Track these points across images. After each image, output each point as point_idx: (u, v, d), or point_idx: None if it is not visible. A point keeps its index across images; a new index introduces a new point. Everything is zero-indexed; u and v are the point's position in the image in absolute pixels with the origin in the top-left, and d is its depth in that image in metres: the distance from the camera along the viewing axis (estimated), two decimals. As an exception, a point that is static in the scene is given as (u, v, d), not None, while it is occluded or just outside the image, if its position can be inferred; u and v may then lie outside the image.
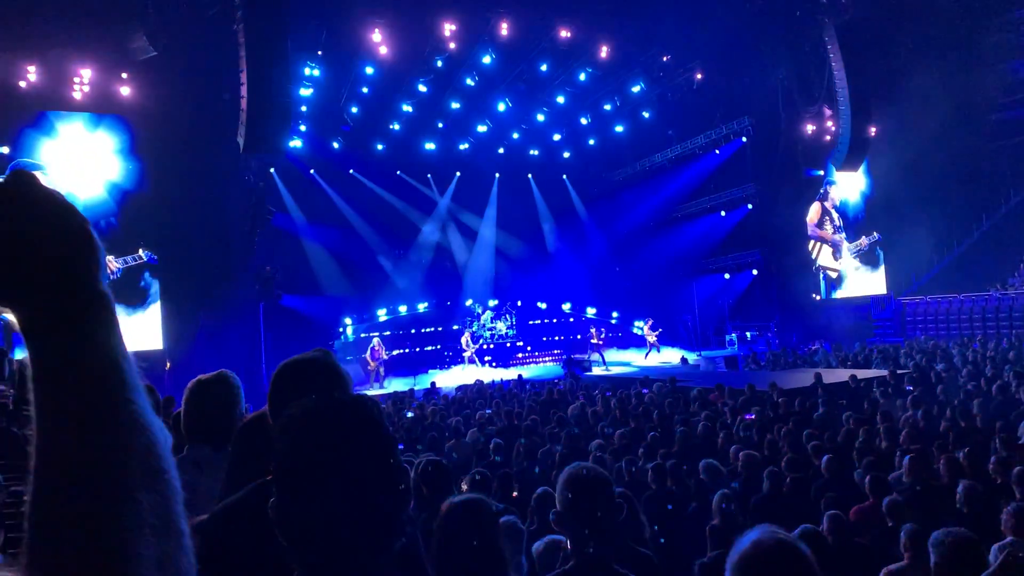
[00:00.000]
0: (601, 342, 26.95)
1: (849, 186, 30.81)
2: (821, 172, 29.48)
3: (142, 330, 20.03)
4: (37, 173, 0.85)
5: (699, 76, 27.06)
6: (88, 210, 18.77)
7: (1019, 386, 11.37)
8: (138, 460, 0.77)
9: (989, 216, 31.38)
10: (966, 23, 29.88)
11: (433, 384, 19.67)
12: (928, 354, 18.88)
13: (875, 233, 31.22)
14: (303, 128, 24.76)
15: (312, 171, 27.06)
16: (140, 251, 20.55)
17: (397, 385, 23.04)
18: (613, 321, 31.08)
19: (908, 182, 29.05)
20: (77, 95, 19.65)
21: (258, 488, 1.86)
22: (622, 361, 26.48)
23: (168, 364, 19.82)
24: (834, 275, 30.42)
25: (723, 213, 29.87)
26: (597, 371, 23.40)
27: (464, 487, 5.18)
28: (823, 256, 30.30)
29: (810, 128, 28.48)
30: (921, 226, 28.69)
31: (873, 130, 27.33)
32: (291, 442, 1.28)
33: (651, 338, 27.40)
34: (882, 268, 31.32)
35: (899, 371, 15.37)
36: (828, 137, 28.20)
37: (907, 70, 28.23)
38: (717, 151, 29.00)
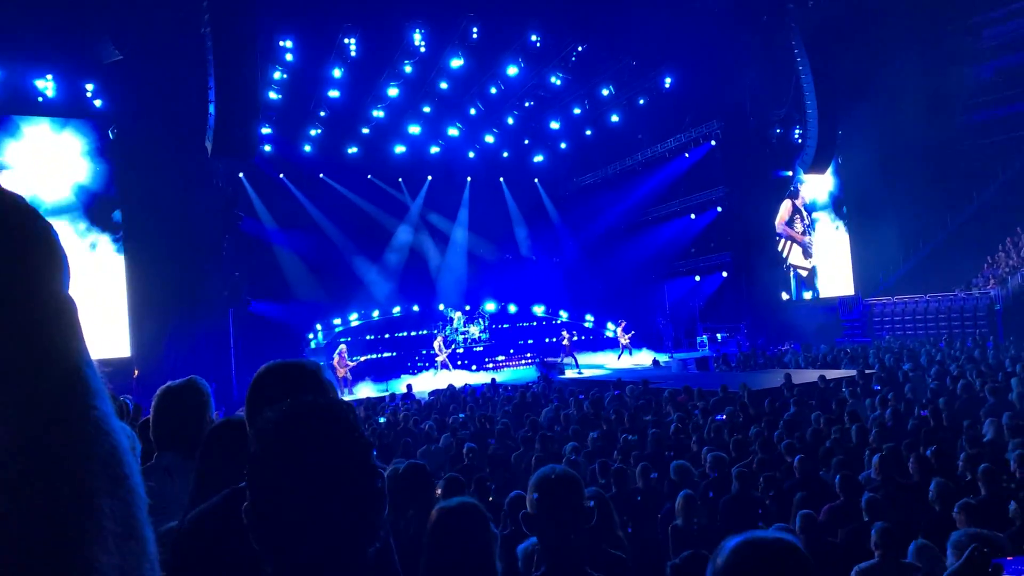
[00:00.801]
0: (569, 344, 27.01)
1: (818, 187, 31.17)
2: (790, 173, 29.80)
3: (109, 337, 19.72)
4: None
5: (668, 80, 27.27)
6: (54, 212, 18.53)
7: (983, 385, 11.57)
8: (100, 465, 0.76)
9: (954, 217, 31.95)
10: (930, 27, 30.46)
11: (409, 388, 19.57)
12: (895, 354, 19.16)
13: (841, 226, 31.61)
14: (268, 131, 24.52)
15: (281, 175, 26.86)
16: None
17: (369, 391, 22.89)
18: (587, 324, 31.18)
19: (875, 184, 29.51)
20: (42, 98, 19.35)
21: (230, 494, 1.84)
22: (595, 364, 26.55)
23: (136, 372, 19.55)
24: (804, 273, 30.74)
25: (693, 216, 30.13)
26: (570, 374, 23.43)
27: (439, 492, 5.16)
28: (794, 254, 30.60)
29: (779, 131, 28.81)
30: (888, 227, 29.15)
31: (840, 133, 27.73)
32: (266, 445, 1.26)
33: (624, 340, 27.50)
34: (850, 269, 31.71)
35: (867, 371, 15.57)
36: (797, 139, 28.55)
37: (874, 74, 28.71)
38: (687, 154, 29.26)
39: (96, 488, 0.75)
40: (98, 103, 19.96)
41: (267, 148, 24.82)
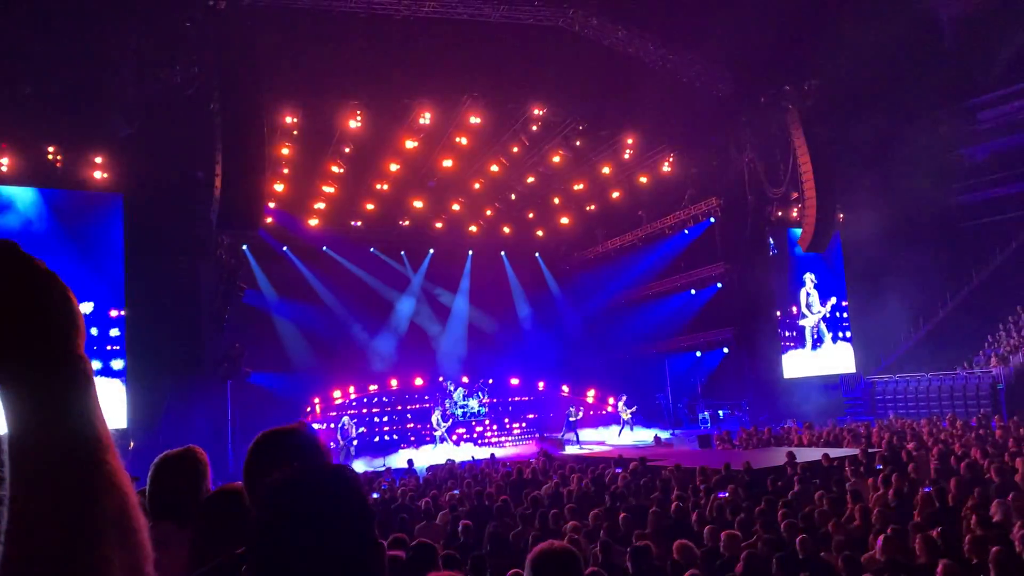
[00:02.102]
0: (578, 420, 26.80)
1: (817, 263, 31.32)
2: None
3: (105, 407, 19.52)
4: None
5: (668, 159, 27.75)
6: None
7: (989, 465, 11.43)
8: (112, 519, 0.78)
9: (954, 296, 32.08)
10: (928, 109, 31.16)
11: (410, 463, 19.29)
12: (899, 433, 18.97)
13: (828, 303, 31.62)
14: (273, 205, 24.83)
15: (285, 248, 27.09)
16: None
17: (362, 466, 22.57)
18: (589, 399, 30.96)
19: (874, 262, 29.67)
20: (51, 171, 19.65)
21: (228, 560, 1.81)
22: (596, 440, 26.27)
23: (132, 444, 19.32)
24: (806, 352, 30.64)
25: (693, 291, 30.25)
26: (571, 450, 23.17)
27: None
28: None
29: (778, 211, 29.15)
30: (888, 305, 29.20)
31: (839, 214, 28.08)
32: (271, 509, 1.25)
33: (625, 415, 27.28)
34: (851, 347, 31.64)
35: (871, 450, 15.40)
36: (795, 217, 28.87)
37: (872, 154, 29.19)
38: (686, 231, 29.56)
39: (106, 540, 0.76)
40: (103, 174, 20.17)
41: (268, 220, 25.06)
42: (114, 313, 20.40)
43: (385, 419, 28.12)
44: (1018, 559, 6.14)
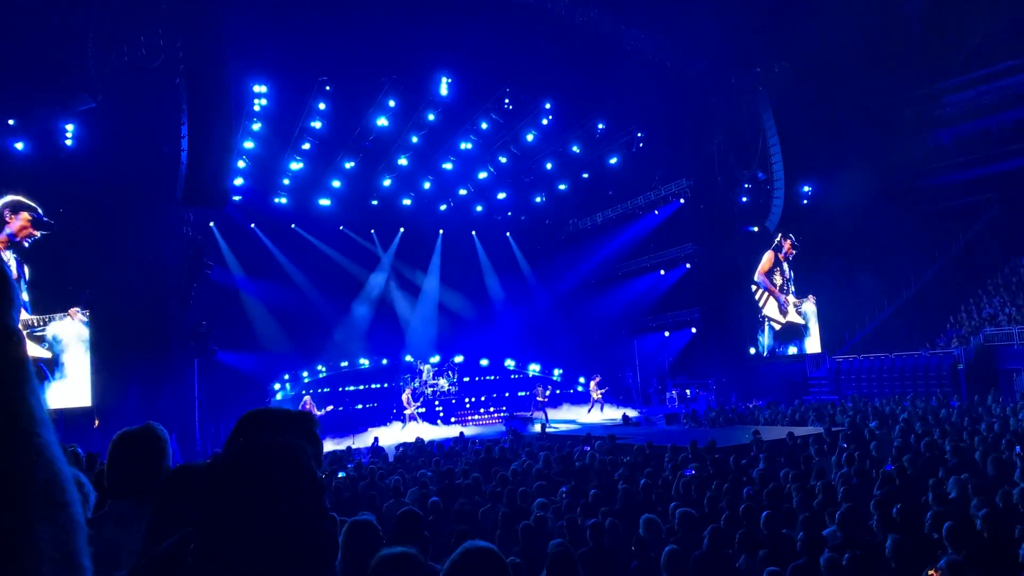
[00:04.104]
0: (546, 399, 26.95)
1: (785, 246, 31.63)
2: (756, 229, 30.20)
3: (69, 385, 19.26)
4: None
5: (639, 140, 27.78)
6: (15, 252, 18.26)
7: (948, 443, 11.66)
8: (40, 492, 0.76)
9: (918, 278, 32.62)
10: (894, 93, 31.50)
11: (375, 441, 19.29)
12: (862, 412, 19.30)
13: (811, 302, 31.95)
14: (241, 181, 24.49)
15: (253, 225, 26.78)
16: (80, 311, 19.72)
17: (329, 445, 22.50)
18: (556, 378, 31.12)
19: (840, 244, 30.04)
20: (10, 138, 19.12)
21: (181, 539, 1.79)
22: (565, 419, 26.45)
23: (97, 421, 19.07)
24: (777, 327, 30.95)
25: (663, 272, 30.45)
26: (540, 428, 23.28)
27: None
28: (769, 307, 30.80)
29: (747, 188, 29.35)
30: (853, 286, 29.63)
31: (805, 195, 28.37)
32: (214, 486, 1.23)
33: (596, 395, 27.48)
34: (816, 327, 32.06)
35: (834, 428, 15.66)
36: (763, 199, 29.11)
37: (838, 135, 29.48)
38: (656, 211, 29.70)
39: (34, 514, 0.74)
40: (65, 145, 19.67)
41: (236, 198, 24.69)
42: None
43: (354, 398, 28.06)
44: (972, 533, 6.28)
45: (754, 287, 30.28)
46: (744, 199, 29.43)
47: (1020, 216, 31.86)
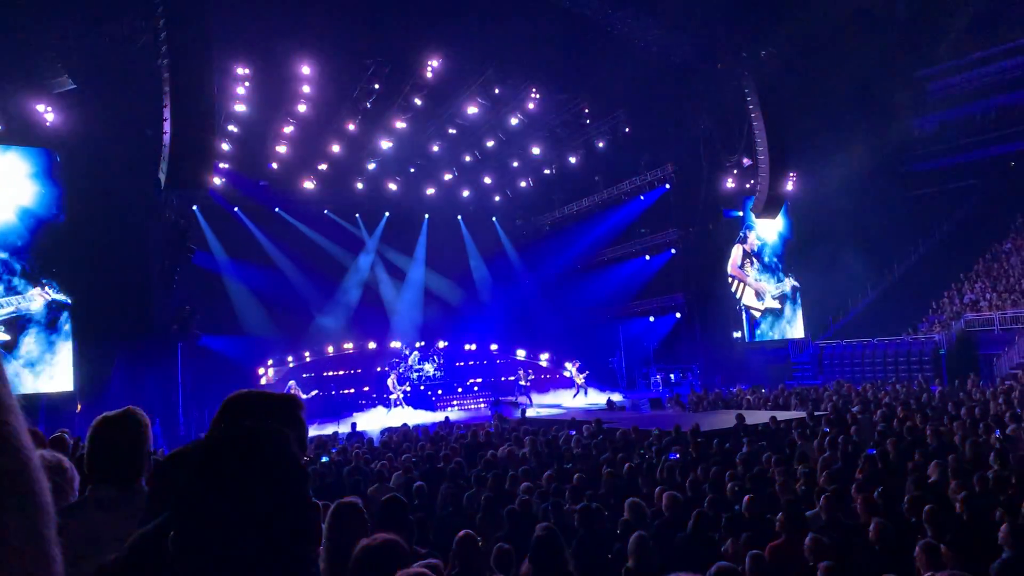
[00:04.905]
0: (529, 384, 27.00)
1: (768, 229, 31.69)
2: (740, 213, 30.24)
3: (52, 370, 19.11)
4: None
5: (625, 125, 27.72)
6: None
7: (929, 427, 11.78)
8: (8, 482, 0.74)
9: (901, 263, 32.84)
10: (879, 80, 31.58)
11: (354, 426, 19.24)
12: (844, 396, 19.44)
13: (791, 280, 32.10)
14: (225, 165, 24.31)
15: (236, 209, 26.58)
16: (41, 290, 19.44)
17: (314, 430, 22.45)
18: (542, 363, 31.16)
19: (824, 229, 30.17)
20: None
21: (162, 524, 1.77)
22: (550, 403, 26.51)
23: (79, 406, 18.93)
24: (757, 314, 31.11)
25: (648, 257, 30.50)
26: (525, 413, 23.33)
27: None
28: (747, 296, 30.96)
29: (731, 177, 29.38)
30: (837, 272, 29.78)
31: (790, 183, 28.44)
32: (193, 471, 1.21)
33: (579, 380, 27.58)
34: (800, 312, 32.25)
35: (817, 413, 15.77)
36: (748, 185, 29.15)
37: (824, 122, 29.56)
38: (642, 197, 29.70)
39: (1, 503, 0.72)
40: (46, 126, 19.39)
41: (218, 181, 24.44)
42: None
43: (339, 383, 28.00)
44: (951, 516, 6.36)
45: (730, 279, 30.45)
46: (729, 185, 29.46)
47: (1002, 202, 32.12)
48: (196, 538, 1.16)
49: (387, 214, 30.52)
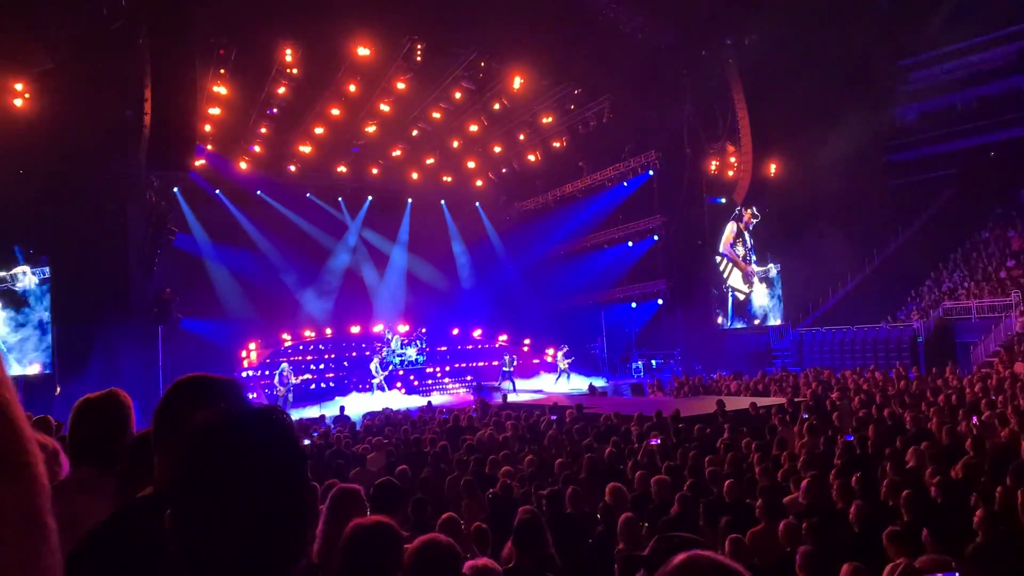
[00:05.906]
0: (513, 369, 27.05)
1: (750, 215, 31.82)
2: (724, 200, 30.36)
3: (31, 352, 18.94)
4: None
5: (609, 111, 27.69)
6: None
7: (906, 414, 11.93)
8: (2, 450, 0.73)
9: (881, 251, 33.11)
10: (860, 69, 31.68)
11: (342, 409, 19.23)
12: (824, 383, 19.61)
13: (773, 267, 32.29)
14: (209, 147, 24.09)
15: (218, 191, 26.37)
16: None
17: (297, 414, 22.41)
18: (524, 348, 31.23)
19: (805, 217, 30.32)
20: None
21: (150, 501, 1.76)
22: (533, 388, 26.60)
23: (58, 389, 18.78)
24: (742, 297, 31.26)
25: (631, 243, 30.56)
26: (508, 398, 23.40)
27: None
28: (734, 277, 31.07)
29: (714, 164, 29.46)
30: (818, 259, 29.97)
31: (773, 169, 28.55)
32: (198, 449, 1.21)
33: (563, 365, 27.70)
34: (780, 299, 32.45)
35: (796, 399, 15.91)
36: (731, 172, 29.24)
37: (806, 110, 29.64)
38: (625, 183, 29.72)
39: None
40: (23, 106, 19.06)
41: (200, 163, 24.17)
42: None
43: (321, 367, 27.94)
44: (927, 501, 6.45)
45: (719, 258, 30.53)
46: (713, 171, 29.53)
47: (981, 192, 32.42)
48: (200, 515, 1.17)
49: (370, 198, 30.38)
